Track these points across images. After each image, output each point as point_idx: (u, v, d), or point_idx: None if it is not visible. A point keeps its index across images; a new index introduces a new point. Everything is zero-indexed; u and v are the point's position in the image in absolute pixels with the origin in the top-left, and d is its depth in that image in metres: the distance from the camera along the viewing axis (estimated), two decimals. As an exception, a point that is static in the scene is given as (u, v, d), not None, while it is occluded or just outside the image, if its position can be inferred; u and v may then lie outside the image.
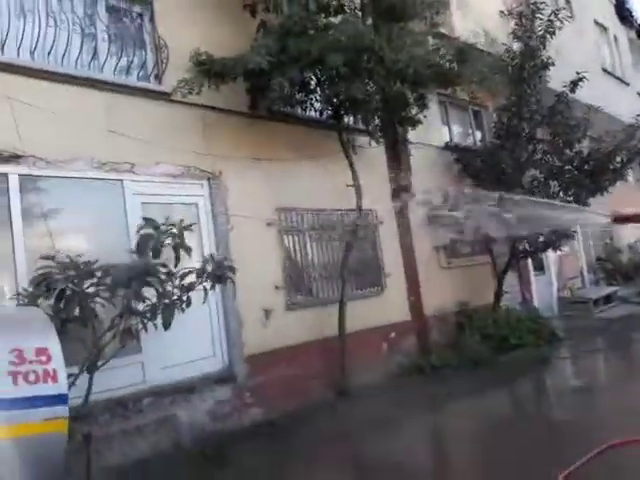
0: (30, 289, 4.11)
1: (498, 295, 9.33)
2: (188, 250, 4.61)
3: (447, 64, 6.78)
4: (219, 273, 4.79)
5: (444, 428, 6.02)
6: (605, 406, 5.84)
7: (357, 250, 7.73)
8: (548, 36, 9.38)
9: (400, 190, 8.53)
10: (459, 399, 6.55)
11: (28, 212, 4.99)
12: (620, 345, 9.41)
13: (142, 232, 4.52)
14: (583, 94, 10.91)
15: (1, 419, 2.65)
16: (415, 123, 7.53)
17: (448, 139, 10.26)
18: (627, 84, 15.84)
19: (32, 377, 2.80)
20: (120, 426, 4.99)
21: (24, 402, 2.73)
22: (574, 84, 9.47)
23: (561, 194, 9.70)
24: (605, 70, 14.62)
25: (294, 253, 7.15)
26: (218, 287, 5.41)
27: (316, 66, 6.05)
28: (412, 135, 8.78)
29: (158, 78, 6.23)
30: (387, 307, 8.05)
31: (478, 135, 11.37)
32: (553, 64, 9.43)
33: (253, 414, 5.99)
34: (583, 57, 12.94)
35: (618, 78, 15.37)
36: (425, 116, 7.41)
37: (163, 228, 4.52)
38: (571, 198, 9.57)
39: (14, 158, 4.95)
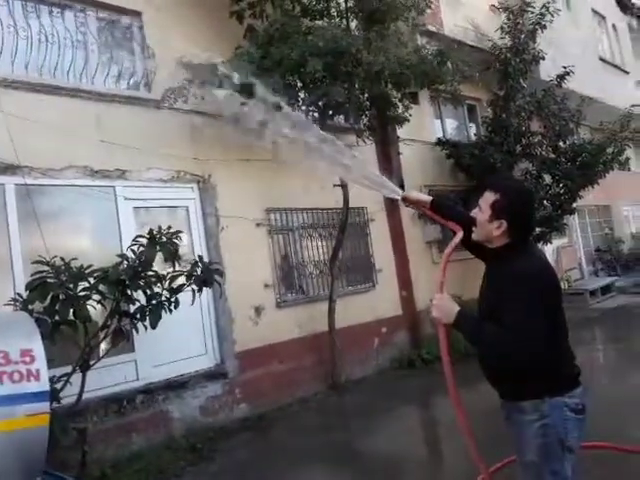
0: (25, 294, 4.36)
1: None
2: (179, 259, 4.86)
3: (429, 64, 6.91)
4: (206, 277, 5.01)
5: (428, 419, 6.22)
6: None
7: (348, 247, 7.95)
8: (539, 30, 9.48)
9: (391, 187, 8.67)
10: (446, 392, 6.70)
11: (24, 220, 5.24)
12: (605, 335, 9.53)
13: (135, 247, 4.72)
14: (578, 85, 10.98)
15: (-13, 416, 2.90)
16: (402, 121, 7.68)
17: (441, 135, 10.38)
18: (627, 72, 15.75)
19: (16, 376, 3.04)
20: (114, 422, 5.25)
21: (8, 400, 2.97)
22: (561, 78, 9.54)
23: (554, 187, 9.81)
24: (603, 59, 14.56)
25: (284, 252, 7.37)
26: (209, 288, 5.63)
27: (298, 70, 6.22)
28: (404, 132, 8.90)
29: (147, 86, 6.46)
30: (378, 302, 8.24)
31: (473, 129, 11.47)
32: (543, 58, 9.52)
33: (244, 409, 6.24)
34: (580, 47, 12.95)
35: (617, 67, 15.29)
36: (410, 115, 7.54)
37: (157, 238, 4.74)
38: (562, 190, 9.67)
39: (10, 169, 5.19)
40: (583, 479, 2.23)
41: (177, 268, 4.94)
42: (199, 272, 4.99)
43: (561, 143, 9.88)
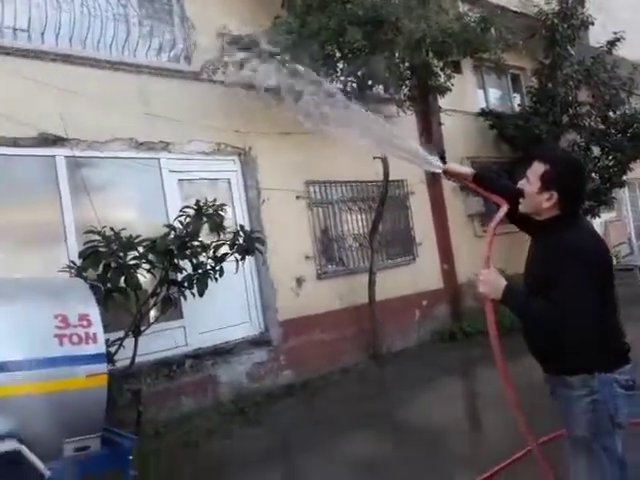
0: (79, 262, 4.53)
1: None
2: (224, 230, 4.97)
3: (471, 31, 6.70)
4: (248, 245, 5.09)
5: (470, 390, 6.22)
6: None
7: (388, 220, 7.91)
8: (587, -7, 9.07)
9: (432, 159, 8.55)
10: (488, 364, 6.66)
11: (75, 191, 5.40)
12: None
13: (182, 218, 4.85)
14: (629, 51, 10.46)
15: (50, 375, 3.06)
16: (444, 91, 7.51)
17: (484, 105, 10.11)
18: (683, 37, 14.87)
19: (75, 339, 3.18)
20: (165, 385, 5.44)
21: (69, 360, 3.13)
22: (611, 44, 9.12)
23: (603, 159, 9.48)
24: (657, 24, 13.78)
25: (324, 225, 7.40)
26: (252, 257, 5.73)
27: (336, 40, 6.13)
28: (446, 102, 8.70)
29: (188, 58, 6.49)
30: (419, 276, 8.20)
31: (518, 99, 11.14)
32: (592, 23, 9.10)
33: (288, 375, 6.39)
34: (631, 11, 12.28)
35: (672, 31, 14.45)
36: (452, 84, 7.36)
37: (203, 210, 4.86)
38: (611, 163, 9.33)
39: (59, 141, 5.33)
40: (633, 456, 2.20)
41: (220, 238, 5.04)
42: (241, 241, 5.08)
43: (611, 113, 9.50)
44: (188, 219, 4.85)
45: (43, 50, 5.39)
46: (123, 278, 4.48)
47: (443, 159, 3.14)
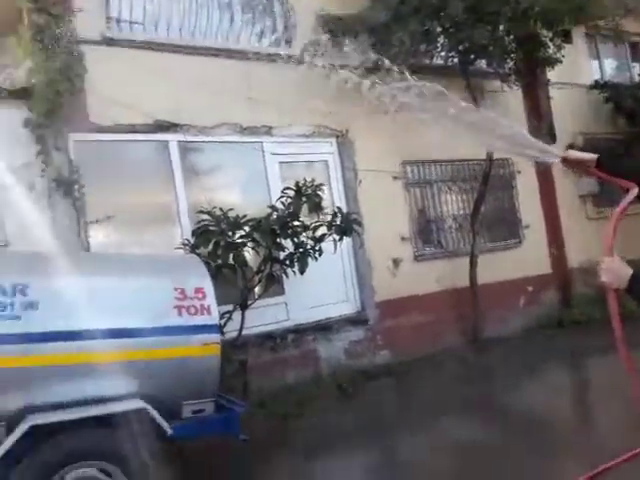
0: (192, 240, 4.87)
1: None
2: (322, 210, 5.13)
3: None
4: (345, 227, 5.18)
5: (578, 379, 5.90)
6: None
7: (491, 201, 7.64)
8: None
9: (540, 136, 8.09)
10: (600, 353, 6.25)
11: (187, 173, 5.76)
12: None
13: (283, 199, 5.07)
14: None
15: (171, 342, 3.35)
16: (553, 63, 7.06)
17: (598, 76, 9.37)
18: None
19: (192, 310, 3.45)
20: (269, 357, 5.71)
21: (187, 329, 3.40)
22: None
23: None
24: None
25: (421, 205, 7.29)
26: (350, 238, 5.81)
27: (437, 15, 5.96)
28: (555, 75, 8.17)
29: (288, 42, 6.62)
30: (525, 260, 7.83)
31: (638, 69, 10.19)
32: None
33: (385, 355, 6.45)
34: None
35: None
36: (563, 55, 6.89)
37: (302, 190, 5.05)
38: None
39: (173, 127, 5.68)
40: None
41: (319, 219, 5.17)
42: (339, 222, 5.18)
43: None
44: (289, 200, 5.04)
45: (156, 41, 5.73)
46: (232, 255, 4.76)
47: (553, 136, 2.81)
